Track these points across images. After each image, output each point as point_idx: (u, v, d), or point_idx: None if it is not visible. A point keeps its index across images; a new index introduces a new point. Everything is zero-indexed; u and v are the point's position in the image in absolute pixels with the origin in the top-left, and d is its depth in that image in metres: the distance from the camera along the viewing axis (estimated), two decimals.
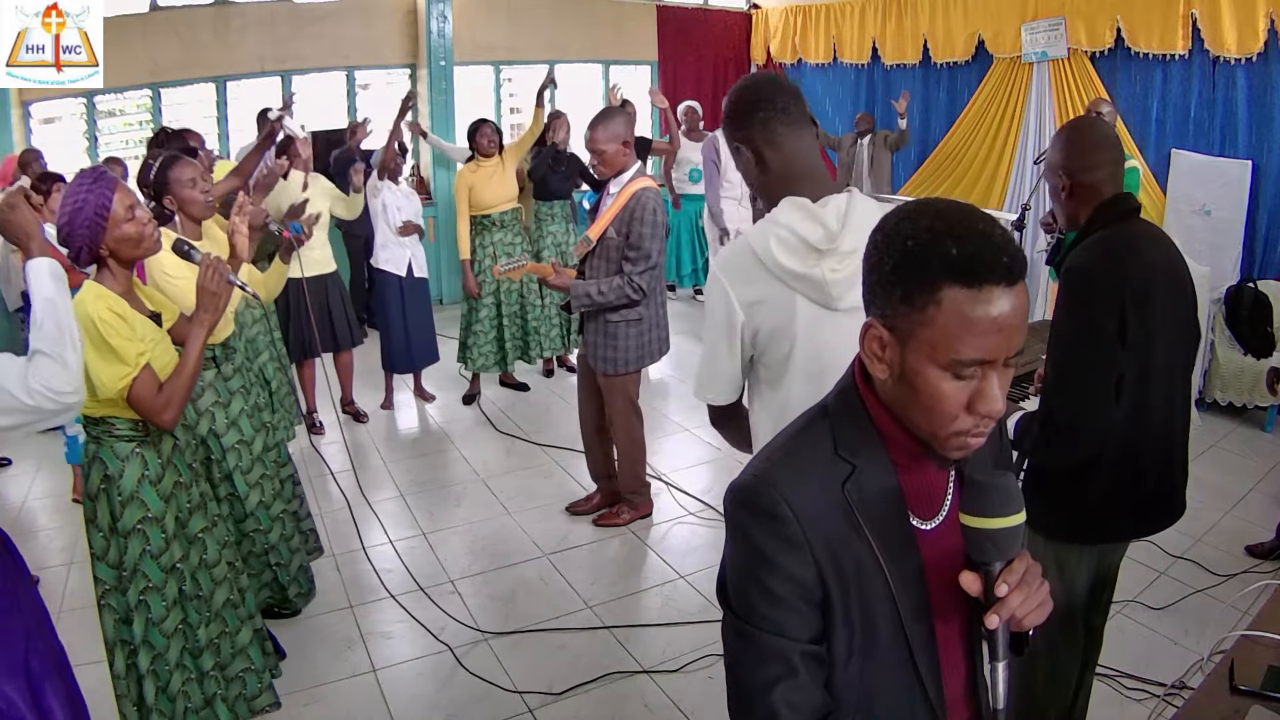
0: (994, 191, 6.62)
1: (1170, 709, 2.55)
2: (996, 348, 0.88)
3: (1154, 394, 1.89)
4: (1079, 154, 1.91)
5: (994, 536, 0.91)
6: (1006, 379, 0.91)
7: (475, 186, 4.94)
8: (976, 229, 0.88)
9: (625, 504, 3.86)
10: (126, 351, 1.99)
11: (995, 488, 0.91)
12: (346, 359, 4.96)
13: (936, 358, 0.89)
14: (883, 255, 0.92)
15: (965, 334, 0.87)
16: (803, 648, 0.95)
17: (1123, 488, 1.91)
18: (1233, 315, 4.48)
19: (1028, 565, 0.93)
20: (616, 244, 3.37)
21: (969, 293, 0.86)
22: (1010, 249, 0.87)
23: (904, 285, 0.89)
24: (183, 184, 2.70)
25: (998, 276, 0.86)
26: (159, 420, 2.06)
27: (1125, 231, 1.89)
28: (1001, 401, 0.90)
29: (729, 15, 8.79)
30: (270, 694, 2.53)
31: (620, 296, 3.36)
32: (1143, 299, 1.81)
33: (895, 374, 0.94)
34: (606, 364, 3.53)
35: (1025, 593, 0.91)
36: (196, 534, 2.27)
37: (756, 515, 0.96)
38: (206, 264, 2.15)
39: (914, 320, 0.89)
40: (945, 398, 0.90)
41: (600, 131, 3.35)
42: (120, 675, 2.20)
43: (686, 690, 2.80)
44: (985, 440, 0.95)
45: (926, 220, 0.90)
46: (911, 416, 0.95)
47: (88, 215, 1.99)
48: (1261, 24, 4.86)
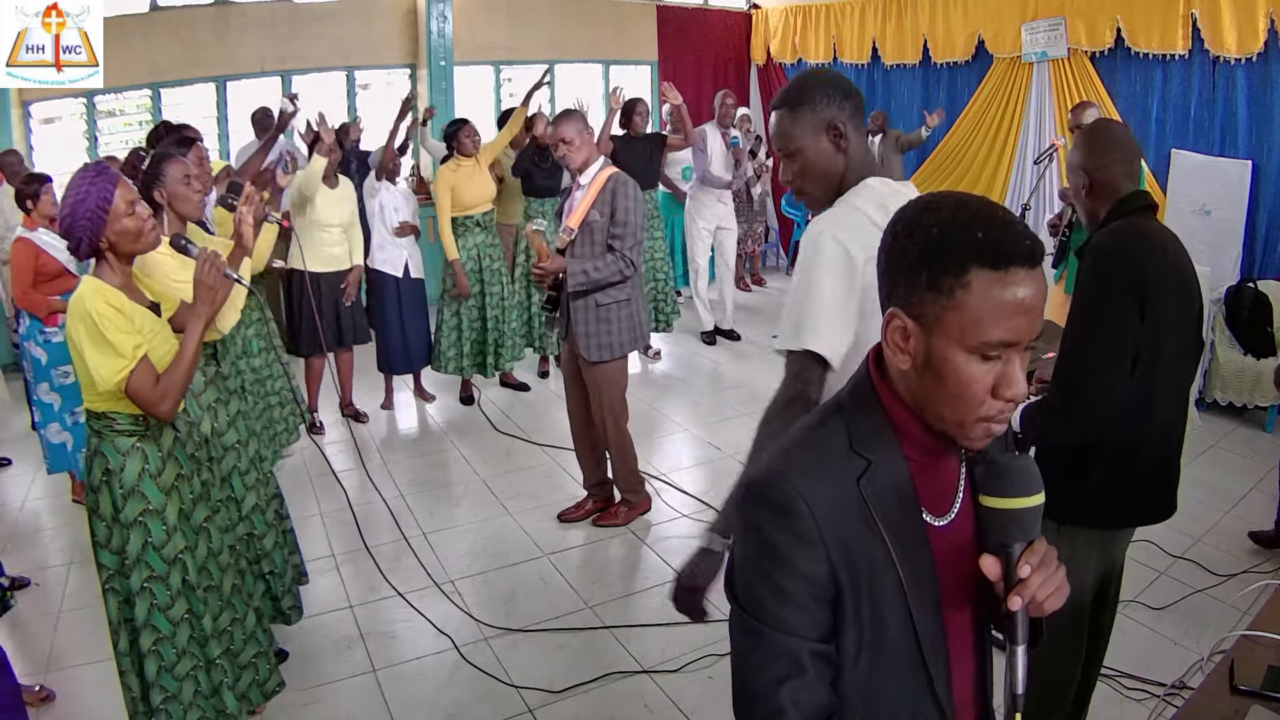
0: (994, 191, 6.61)
1: (1170, 709, 2.55)
2: (1022, 329, 0.90)
3: (1162, 382, 1.94)
4: (1096, 154, 2.01)
5: (1017, 517, 0.92)
6: (1025, 364, 0.93)
7: (457, 187, 4.89)
8: (997, 215, 0.91)
9: (624, 503, 3.84)
10: (123, 345, 2.01)
11: (1017, 469, 0.93)
12: (348, 358, 4.96)
13: (965, 341, 0.90)
14: (905, 244, 0.94)
15: (994, 315, 0.89)
16: (811, 646, 0.94)
17: (1124, 471, 1.95)
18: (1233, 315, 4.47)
19: (1047, 546, 0.94)
20: (601, 225, 3.42)
21: (996, 275, 0.88)
22: (1029, 233, 0.90)
23: (930, 271, 0.91)
24: (176, 180, 2.70)
25: (1022, 259, 0.89)
26: (156, 411, 2.08)
27: (1143, 224, 1.98)
28: (1024, 384, 0.92)
29: (729, 15, 8.79)
30: (277, 675, 2.55)
31: (614, 273, 3.42)
32: (1159, 286, 1.89)
33: (919, 363, 0.94)
34: (602, 350, 3.53)
35: (1045, 574, 0.93)
36: (201, 524, 2.29)
37: (772, 510, 0.96)
38: (204, 258, 2.18)
39: (941, 305, 0.90)
40: (973, 381, 0.91)
41: (565, 127, 3.45)
42: (124, 653, 2.22)
43: (686, 690, 2.80)
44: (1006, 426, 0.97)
45: (949, 209, 0.92)
46: (935, 407, 0.95)
47: (89, 208, 2.01)
48: (1261, 24, 4.86)
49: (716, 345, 6.36)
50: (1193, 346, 2.05)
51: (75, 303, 2.02)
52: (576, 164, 3.49)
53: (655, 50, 8.40)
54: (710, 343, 6.37)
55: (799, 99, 1.68)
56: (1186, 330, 2.00)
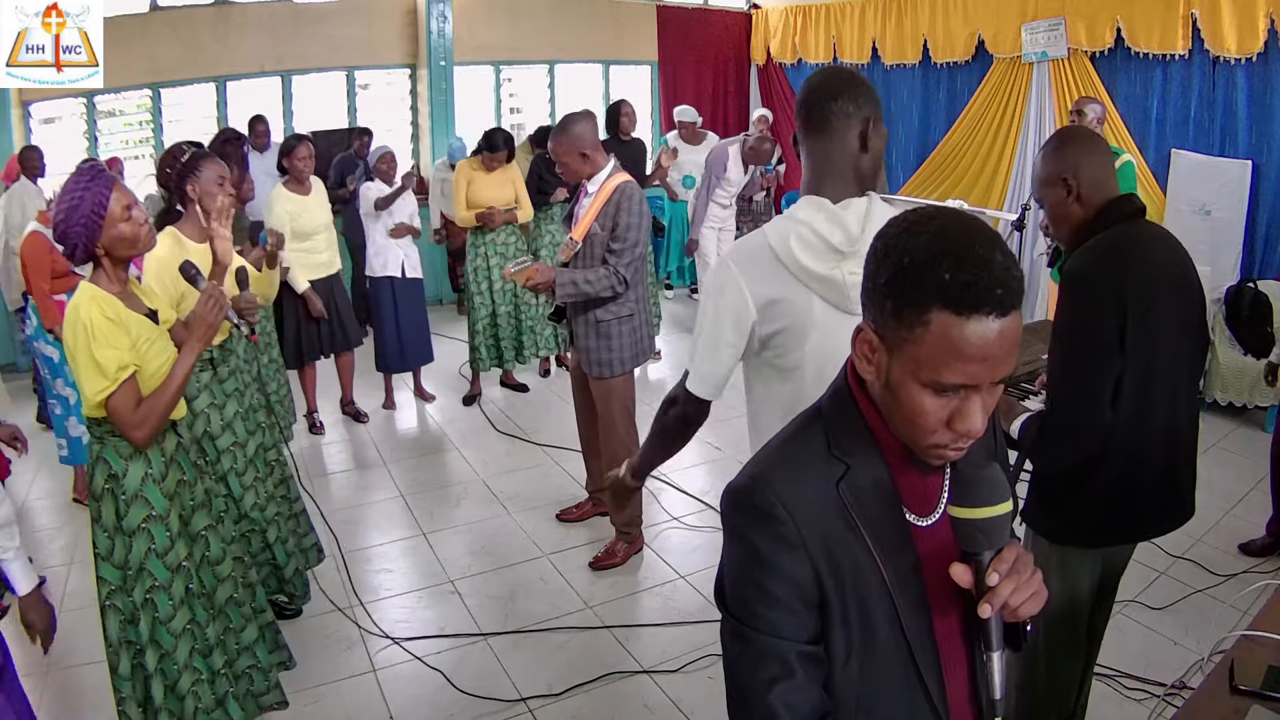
0: (994, 192, 6.61)
1: (1170, 709, 2.55)
2: (979, 375, 0.88)
3: (1156, 396, 1.88)
4: (1075, 154, 1.92)
5: (982, 526, 0.92)
6: (992, 399, 0.92)
7: (474, 183, 4.94)
8: (975, 253, 0.86)
9: (621, 537, 3.61)
10: (108, 363, 1.96)
11: (981, 479, 0.92)
12: (347, 360, 4.97)
13: (919, 375, 0.89)
14: (879, 266, 0.92)
15: (949, 359, 0.87)
16: (799, 648, 0.95)
17: (1125, 490, 1.90)
18: (1233, 315, 4.48)
19: (1018, 554, 0.94)
20: (601, 239, 3.30)
21: (957, 320, 0.85)
22: (1006, 278, 0.86)
23: (895, 300, 0.90)
24: (211, 180, 2.72)
25: (989, 307, 0.85)
26: (130, 437, 2.04)
27: (1129, 233, 1.89)
28: (981, 422, 0.90)
29: (729, 15, 8.79)
30: (277, 692, 2.52)
31: (605, 288, 3.27)
32: (1144, 302, 1.81)
33: (881, 380, 0.95)
34: (602, 367, 3.42)
35: (1016, 581, 0.92)
36: (200, 531, 2.27)
37: (753, 516, 0.96)
38: (209, 294, 2.16)
39: (901, 336, 0.90)
40: (925, 413, 0.91)
41: (556, 141, 3.32)
42: (125, 676, 2.18)
43: (686, 690, 2.80)
44: (965, 452, 0.96)
45: (926, 238, 0.89)
46: (894, 422, 0.96)
47: (84, 213, 1.97)
48: (1261, 24, 4.85)
49: None
50: (1198, 348, 2.00)
51: (70, 311, 1.99)
52: (576, 180, 3.41)
53: (655, 50, 8.40)
54: None
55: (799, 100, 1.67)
56: (1187, 335, 1.94)
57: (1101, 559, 2.04)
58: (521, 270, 3.34)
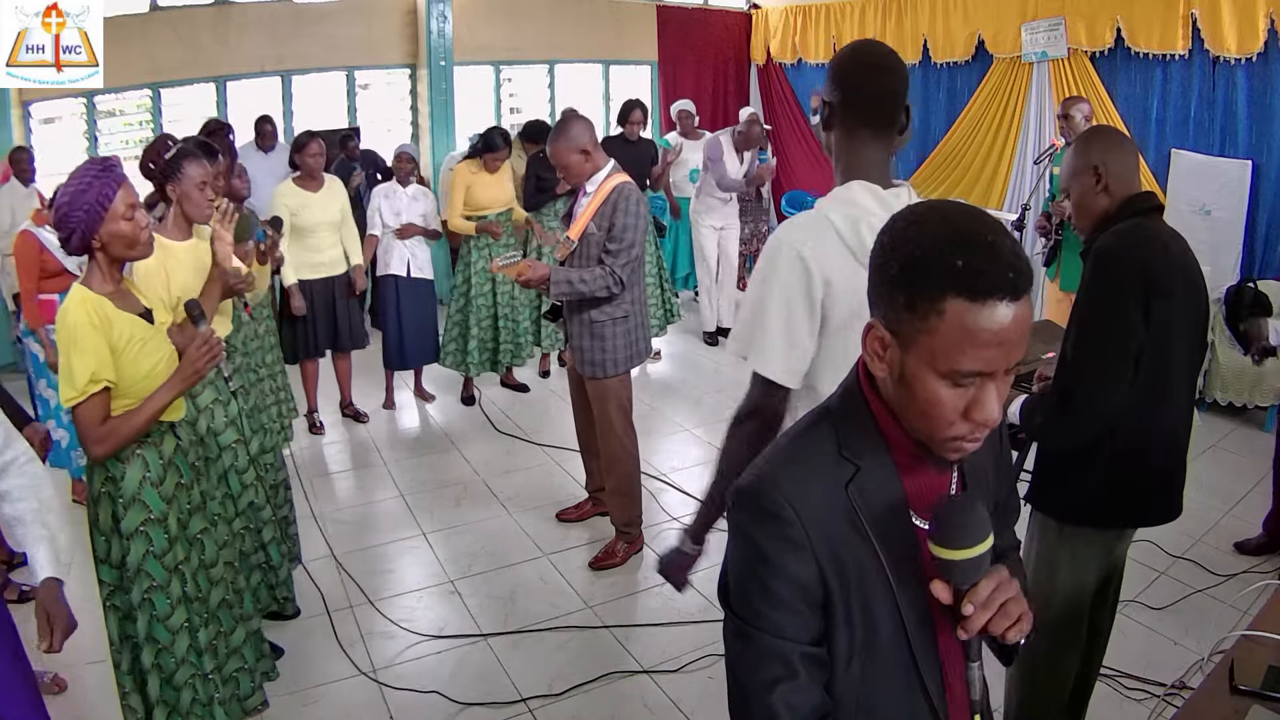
0: (994, 192, 6.62)
1: (1170, 709, 2.55)
2: (995, 360, 0.88)
3: (1169, 383, 1.93)
4: (1109, 148, 1.99)
5: (962, 565, 0.92)
6: (1005, 386, 0.92)
7: (473, 186, 4.93)
8: (984, 240, 0.87)
9: (621, 537, 3.59)
10: (79, 373, 1.94)
11: (960, 523, 0.92)
12: (345, 363, 4.98)
13: (936, 365, 0.89)
14: (888, 259, 0.92)
15: (966, 346, 0.87)
16: (802, 649, 0.95)
17: (1129, 472, 1.94)
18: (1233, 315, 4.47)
19: (997, 584, 0.93)
20: (598, 239, 3.26)
21: (972, 306, 0.86)
22: (1017, 262, 0.87)
23: (908, 292, 0.89)
24: (192, 181, 2.65)
25: (1002, 291, 0.86)
26: (89, 451, 2.01)
27: (1150, 225, 1.96)
28: (998, 411, 0.91)
29: (729, 15, 8.80)
30: (260, 694, 2.51)
31: (600, 288, 3.24)
32: (1166, 287, 1.87)
33: (894, 375, 0.94)
34: (596, 368, 3.40)
35: (991, 611, 0.92)
36: (195, 535, 2.26)
37: (759, 516, 0.96)
38: (204, 340, 2.12)
39: (916, 327, 0.89)
40: (941, 404, 0.91)
41: (555, 145, 3.28)
42: (126, 672, 2.20)
43: (686, 690, 2.80)
44: (983, 443, 0.96)
45: (934, 228, 0.89)
46: (909, 418, 0.96)
47: (88, 201, 1.95)
48: (1261, 24, 4.86)
49: (718, 345, 6.36)
50: (1199, 348, 2.04)
51: (61, 312, 1.98)
52: (577, 183, 3.38)
53: (655, 50, 8.40)
54: (712, 343, 6.36)
55: (842, 62, 1.63)
56: (1192, 332, 1.99)
57: (1102, 550, 2.05)
58: (511, 265, 3.32)
